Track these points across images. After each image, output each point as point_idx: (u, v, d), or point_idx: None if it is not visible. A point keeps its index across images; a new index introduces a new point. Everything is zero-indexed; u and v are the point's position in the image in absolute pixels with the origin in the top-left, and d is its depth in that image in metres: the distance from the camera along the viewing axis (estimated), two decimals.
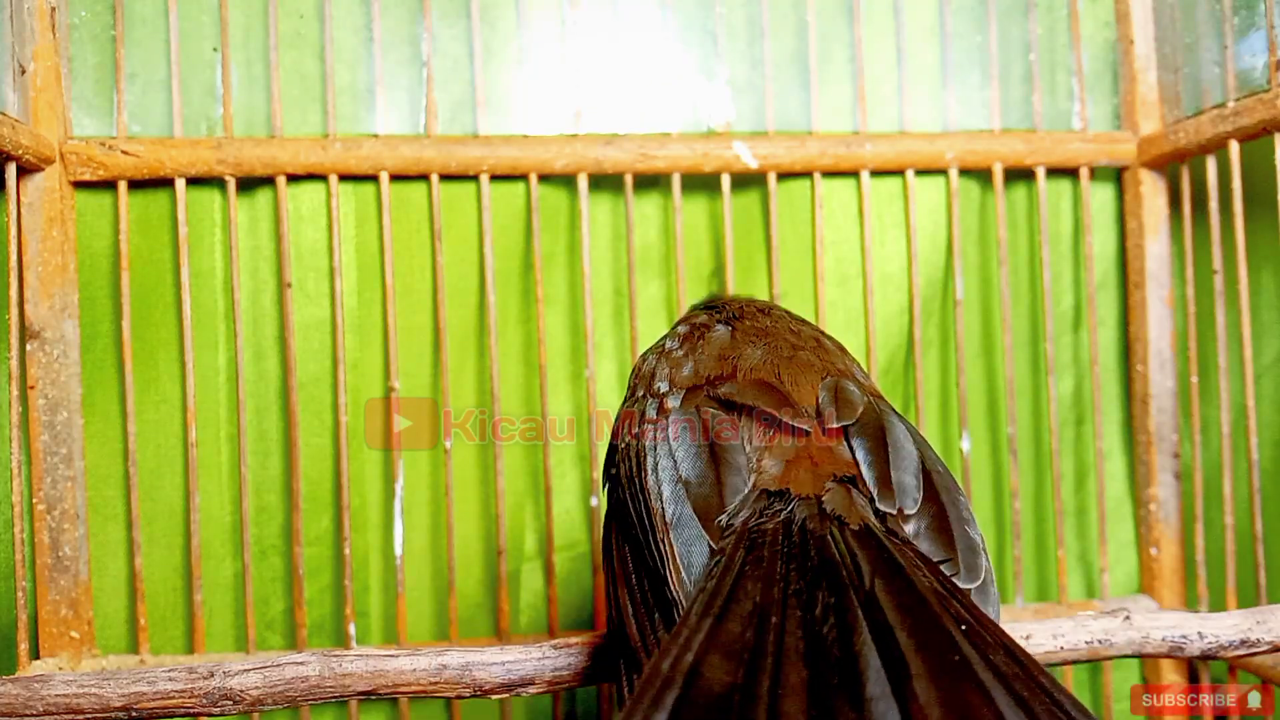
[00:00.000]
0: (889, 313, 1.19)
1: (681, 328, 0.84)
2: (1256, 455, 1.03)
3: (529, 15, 1.16)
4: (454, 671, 0.73)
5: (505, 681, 0.73)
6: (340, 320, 1.09)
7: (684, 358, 0.78)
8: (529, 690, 0.73)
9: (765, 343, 0.78)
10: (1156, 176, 1.19)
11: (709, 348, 0.78)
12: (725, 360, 0.76)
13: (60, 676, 0.71)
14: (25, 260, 1.02)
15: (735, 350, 0.77)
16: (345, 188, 1.11)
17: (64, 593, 1.03)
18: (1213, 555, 1.11)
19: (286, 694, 0.71)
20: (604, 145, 1.11)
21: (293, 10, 1.12)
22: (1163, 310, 1.18)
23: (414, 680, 0.72)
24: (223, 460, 1.10)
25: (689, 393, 0.73)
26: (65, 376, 1.04)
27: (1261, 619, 0.75)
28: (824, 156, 1.14)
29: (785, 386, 0.71)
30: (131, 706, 0.70)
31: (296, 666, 0.71)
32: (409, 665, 0.72)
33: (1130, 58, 1.19)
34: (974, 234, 1.21)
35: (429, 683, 0.72)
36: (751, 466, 0.65)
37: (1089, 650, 0.74)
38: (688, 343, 0.80)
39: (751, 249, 1.18)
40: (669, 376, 0.76)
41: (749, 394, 0.70)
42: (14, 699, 0.70)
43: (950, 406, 1.20)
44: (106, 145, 1.05)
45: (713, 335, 0.80)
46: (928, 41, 1.21)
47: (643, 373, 0.80)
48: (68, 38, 1.07)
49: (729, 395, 0.71)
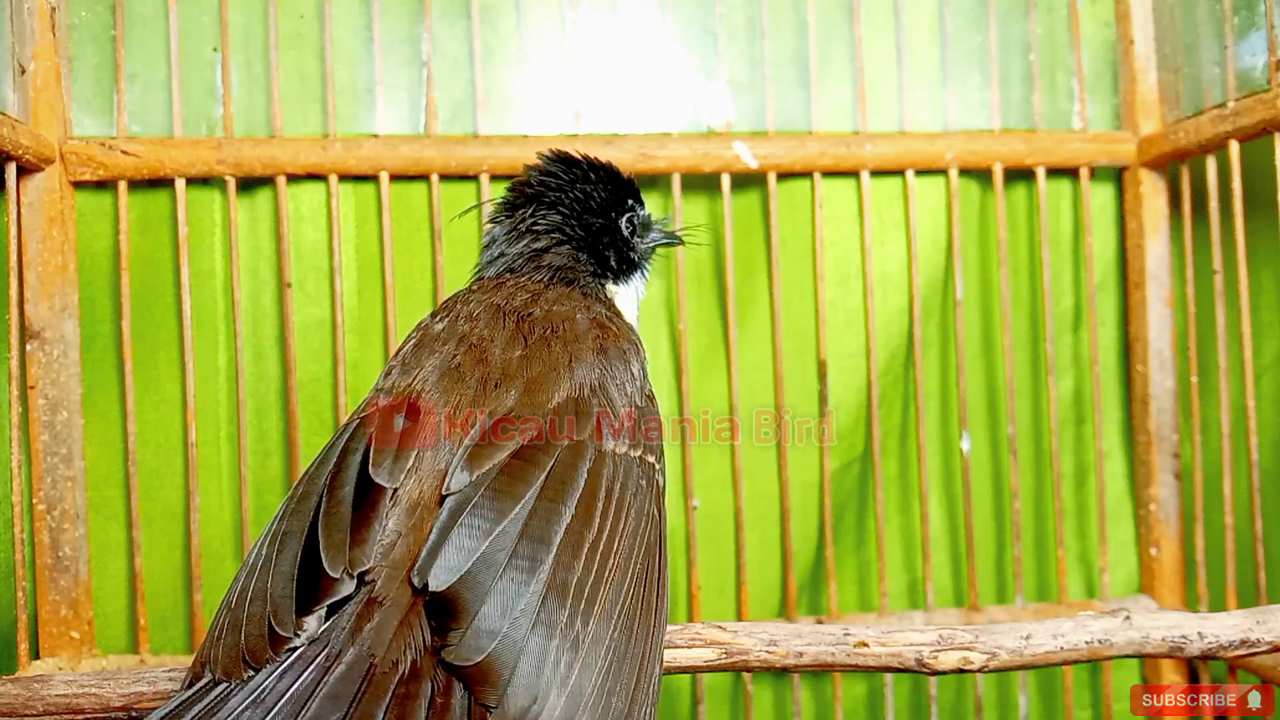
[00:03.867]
0: (889, 313, 1.19)
1: (427, 317, 0.78)
2: (1256, 455, 1.03)
3: (529, 15, 1.16)
4: None
5: None
6: (340, 320, 1.09)
7: (393, 361, 0.73)
8: None
9: (459, 352, 0.71)
10: (1156, 176, 1.19)
11: (413, 353, 0.73)
12: (407, 372, 0.70)
13: (60, 676, 0.71)
14: (25, 260, 1.01)
15: (417, 362, 0.71)
16: (345, 188, 1.11)
17: (64, 593, 1.03)
18: (1213, 555, 1.11)
19: None
20: (604, 145, 1.11)
21: (293, 10, 1.12)
22: (1163, 310, 1.18)
23: None
24: (223, 460, 1.10)
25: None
26: (65, 376, 1.04)
27: (1261, 619, 0.75)
28: (824, 156, 1.14)
29: (422, 417, 0.65)
30: (131, 706, 0.70)
31: None
32: None
33: (1130, 58, 1.19)
34: (974, 234, 1.21)
35: None
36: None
37: (1089, 650, 0.74)
38: (404, 345, 0.75)
39: (751, 249, 1.18)
40: (375, 386, 0.71)
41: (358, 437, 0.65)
42: (14, 699, 0.70)
43: (950, 406, 1.20)
44: (106, 145, 1.05)
45: (430, 334, 0.74)
46: (928, 41, 1.21)
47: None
48: (68, 38, 1.07)
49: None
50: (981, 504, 1.21)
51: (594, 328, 0.75)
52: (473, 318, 0.75)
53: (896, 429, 1.20)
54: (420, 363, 0.71)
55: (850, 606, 1.19)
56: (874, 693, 1.18)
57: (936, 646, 0.72)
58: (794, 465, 1.16)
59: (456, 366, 0.69)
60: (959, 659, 0.72)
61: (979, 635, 0.73)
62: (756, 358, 1.17)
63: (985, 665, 0.72)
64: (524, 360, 0.69)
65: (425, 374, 0.69)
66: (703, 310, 1.18)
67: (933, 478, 1.20)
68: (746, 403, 1.15)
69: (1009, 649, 0.73)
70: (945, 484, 1.21)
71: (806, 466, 1.17)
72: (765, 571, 1.17)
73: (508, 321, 0.73)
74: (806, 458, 1.16)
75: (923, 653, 0.72)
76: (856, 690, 1.18)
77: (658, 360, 1.16)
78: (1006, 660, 0.73)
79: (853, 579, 1.20)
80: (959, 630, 0.73)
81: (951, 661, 0.72)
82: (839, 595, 1.17)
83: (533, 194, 0.88)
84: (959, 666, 0.72)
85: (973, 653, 0.72)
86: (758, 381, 1.16)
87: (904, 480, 1.20)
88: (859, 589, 1.20)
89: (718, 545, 1.16)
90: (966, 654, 0.72)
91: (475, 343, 0.71)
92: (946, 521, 1.21)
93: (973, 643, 0.73)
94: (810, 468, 1.17)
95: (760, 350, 1.17)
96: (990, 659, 0.72)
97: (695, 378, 1.16)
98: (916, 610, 1.17)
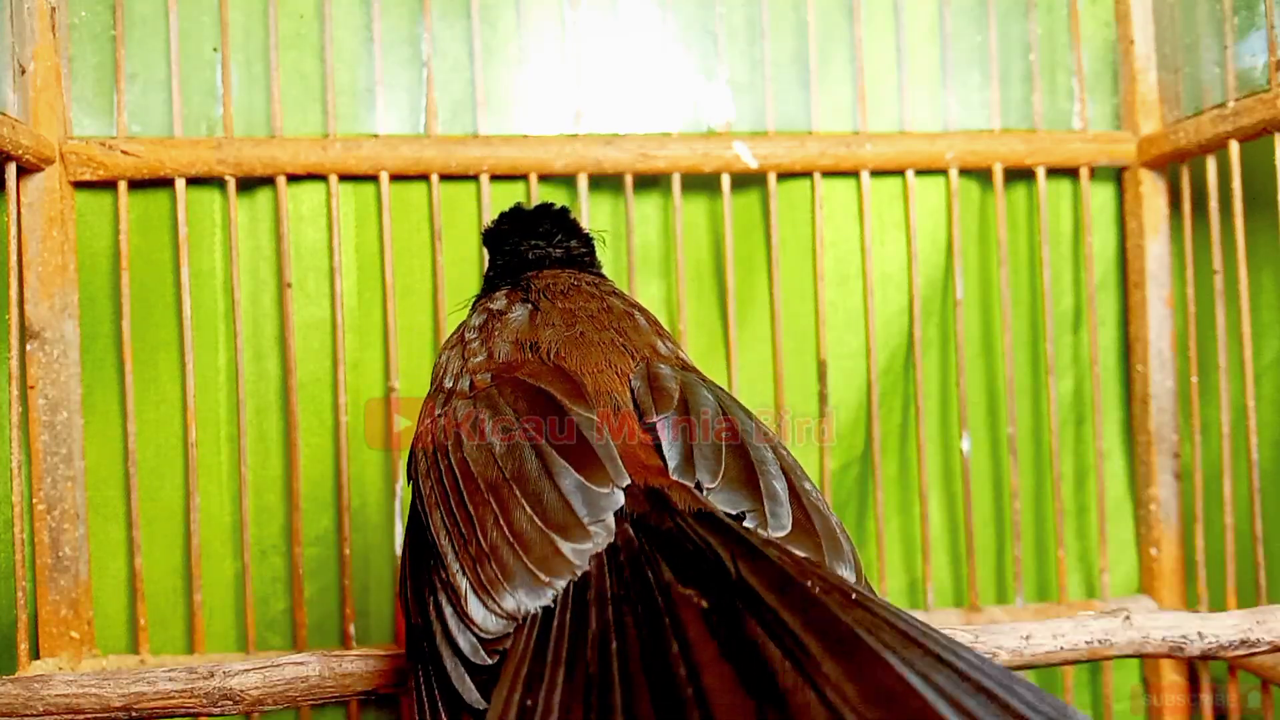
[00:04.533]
0: (889, 313, 1.19)
1: (476, 317, 0.78)
2: (1256, 455, 1.03)
3: (529, 15, 1.16)
4: None
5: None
6: (340, 320, 1.09)
7: (479, 348, 0.73)
8: None
9: (566, 324, 0.72)
10: (1156, 176, 1.19)
11: (506, 333, 0.73)
12: (520, 347, 0.70)
13: (60, 676, 0.71)
14: (25, 260, 1.02)
15: (534, 335, 0.71)
16: (345, 188, 1.11)
17: (64, 593, 1.03)
18: (1213, 555, 1.11)
19: (286, 694, 0.71)
20: (604, 145, 1.11)
21: (293, 10, 1.12)
22: (1163, 310, 1.18)
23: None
24: (223, 460, 1.10)
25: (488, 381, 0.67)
26: (65, 376, 1.04)
27: (1261, 619, 0.75)
28: (824, 156, 1.14)
29: (580, 375, 0.66)
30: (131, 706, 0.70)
31: (296, 667, 0.71)
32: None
33: (1130, 58, 1.19)
34: (974, 234, 1.21)
35: None
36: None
37: (1089, 650, 0.74)
38: (483, 332, 0.75)
39: (751, 249, 1.18)
40: (465, 369, 0.71)
41: (545, 384, 0.65)
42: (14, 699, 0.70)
43: (950, 406, 1.20)
44: (106, 145, 1.05)
45: (511, 319, 0.74)
46: (928, 41, 1.21)
47: (442, 366, 0.75)
48: (68, 38, 1.07)
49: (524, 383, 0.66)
50: (981, 504, 1.21)
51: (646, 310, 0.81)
52: (548, 296, 0.77)
53: (896, 429, 1.20)
54: (535, 331, 0.72)
55: None
56: None
57: None
58: None
59: (581, 334, 0.71)
60: None
61: (979, 635, 0.73)
62: (756, 358, 1.17)
63: None
64: (635, 328, 0.74)
65: (551, 339, 0.71)
66: (703, 310, 1.18)
67: (933, 478, 1.20)
68: (746, 402, 1.15)
69: (1009, 649, 0.73)
70: (945, 484, 1.21)
71: (806, 466, 1.15)
72: None
73: (594, 298, 0.77)
74: (806, 458, 1.16)
75: None
76: None
77: None
78: (1006, 660, 0.73)
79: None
80: (959, 630, 0.73)
81: None
82: None
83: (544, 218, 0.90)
84: None
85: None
86: (758, 381, 1.16)
87: (904, 480, 1.20)
88: None
89: None
90: None
91: (587, 315, 0.74)
92: (946, 521, 1.21)
93: (973, 643, 0.73)
94: (810, 468, 1.16)
95: (760, 350, 1.17)
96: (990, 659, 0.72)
97: None
98: (916, 610, 1.17)
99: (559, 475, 0.56)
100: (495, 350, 0.72)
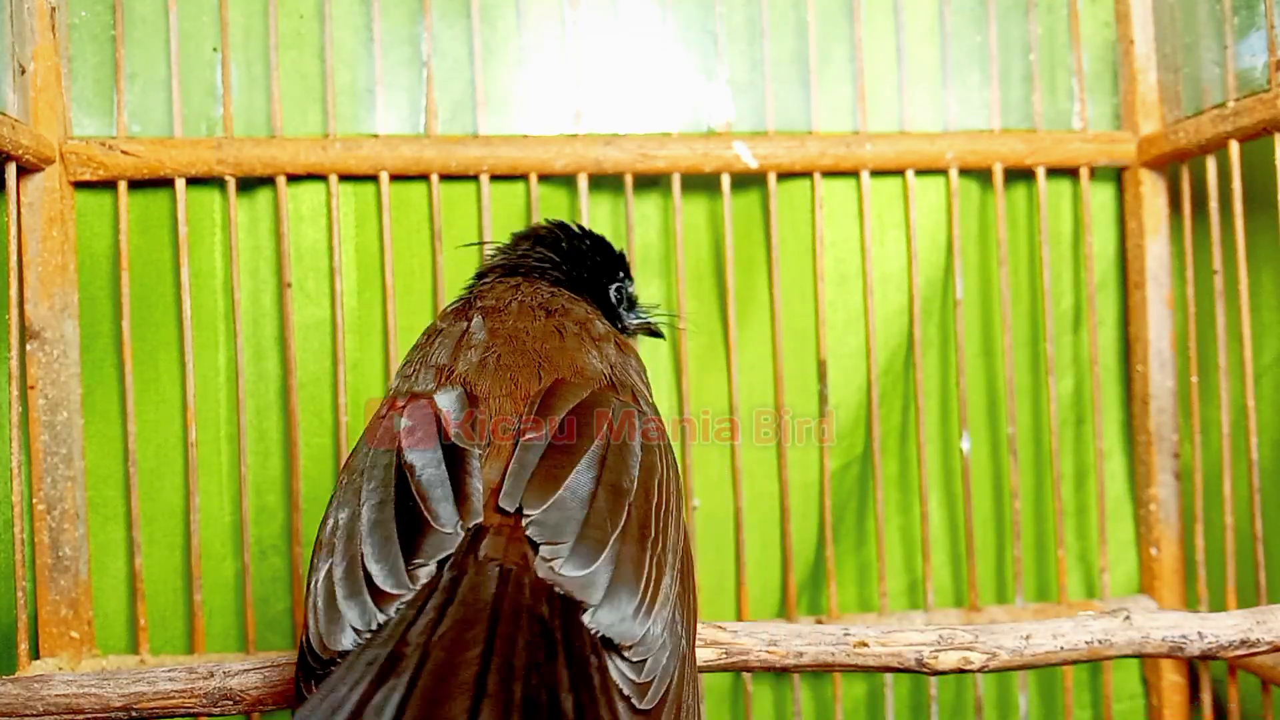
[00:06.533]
0: (889, 313, 1.19)
1: (438, 321, 0.81)
2: (1256, 455, 1.03)
3: (529, 15, 1.16)
4: None
5: None
6: (340, 320, 1.09)
7: (416, 359, 0.75)
8: None
9: (487, 345, 0.73)
10: (1156, 176, 1.19)
11: (443, 348, 0.75)
12: (441, 370, 0.72)
13: (60, 676, 0.71)
14: (25, 260, 1.02)
15: (454, 358, 0.73)
16: (345, 188, 1.11)
17: (64, 593, 1.03)
18: (1213, 555, 1.11)
19: (286, 694, 0.71)
20: (604, 145, 1.11)
21: (293, 10, 1.12)
22: (1163, 310, 1.18)
23: None
24: (223, 460, 1.10)
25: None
26: (65, 376, 1.04)
27: (1261, 619, 0.75)
28: (824, 156, 1.14)
29: (481, 394, 0.68)
30: (131, 706, 0.70)
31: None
32: None
33: (1130, 58, 1.19)
34: (974, 234, 1.21)
35: None
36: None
37: (1089, 650, 0.74)
38: (430, 341, 0.77)
39: (751, 249, 1.18)
40: (408, 376, 0.74)
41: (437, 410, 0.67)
42: (14, 699, 0.70)
43: (950, 406, 1.20)
44: (106, 145, 1.05)
45: (451, 332, 0.77)
46: (928, 41, 1.21)
47: (401, 371, 0.77)
48: (68, 38, 1.07)
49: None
50: (981, 504, 1.21)
51: (608, 330, 0.81)
52: (500, 311, 0.78)
53: (896, 429, 1.20)
54: (457, 354, 0.73)
55: (850, 607, 1.19)
56: (874, 693, 1.18)
57: (936, 646, 0.73)
58: (794, 465, 1.16)
59: (497, 358, 0.72)
60: (959, 659, 0.72)
61: (979, 635, 0.73)
62: (756, 358, 1.17)
63: (985, 665, 0.72)
64: (560, 348, 0.74)
65: (467, 362, 0.72)
66: (703, 310, 1.18)
67: (933, 478, 1.20)
68: (746, 403, 1.16)
69: (1009, 649, 0.73)
70: (945, 484, 1.21)
71: (806, 466, 1.17)
72: (765, 571, 1.17)
73: (537, 314, 0.78)
74: (806, 458, 1.16)
75: (923, 653, 0.72)
76: (856, 690, 1.19)
77: (658, 360, 1.16)
78: (1006, 660, 0.73)
79: (853, 579, 1.20)
80: (959, 630, 0.73)
81: (951, 661, 0.72)
82: (839, 595, 1.17)
83: (531, 236, 0.94)
84: (959, 666, 0.72)
85: (973, 653, 0.72)
86: (758, 381, 1.16)
87: (904, 480, 1.20)
88: (859, 589, 1.20)
89: (718, 545, 1.16)
90: (966, 654, 0.72)
91: (510, 334, 0.75)
92: (946, 521, 1.21)
93: (973, 643, 0.73)
94: (810, 468, 1.17)
95: (760, 350, 1.17)
96: (990, 659, 0.72)
97: (695, 378, 1.16)
98: (916, 610, 1.18)
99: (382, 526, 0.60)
100: (422, 369, 0.74)
